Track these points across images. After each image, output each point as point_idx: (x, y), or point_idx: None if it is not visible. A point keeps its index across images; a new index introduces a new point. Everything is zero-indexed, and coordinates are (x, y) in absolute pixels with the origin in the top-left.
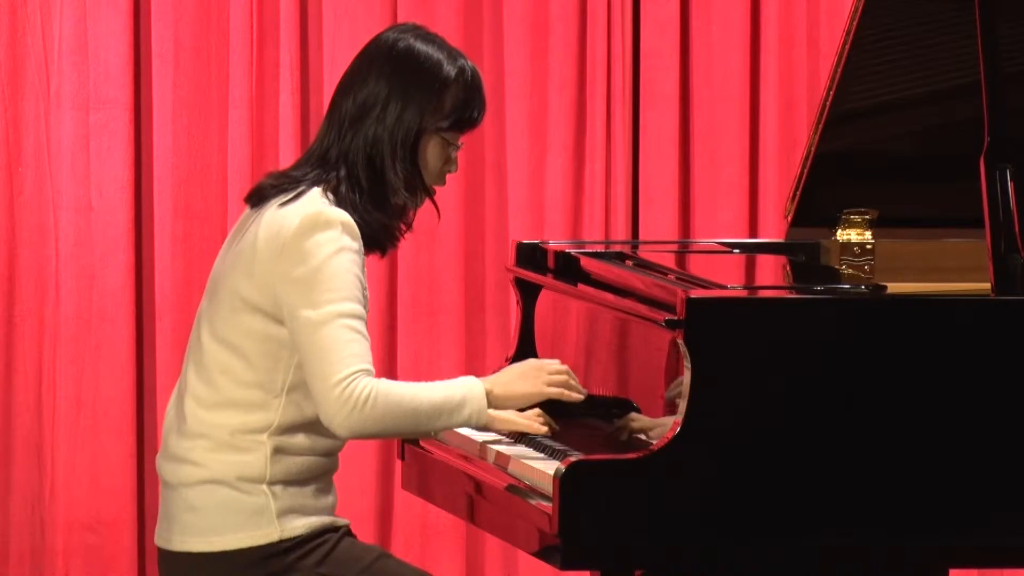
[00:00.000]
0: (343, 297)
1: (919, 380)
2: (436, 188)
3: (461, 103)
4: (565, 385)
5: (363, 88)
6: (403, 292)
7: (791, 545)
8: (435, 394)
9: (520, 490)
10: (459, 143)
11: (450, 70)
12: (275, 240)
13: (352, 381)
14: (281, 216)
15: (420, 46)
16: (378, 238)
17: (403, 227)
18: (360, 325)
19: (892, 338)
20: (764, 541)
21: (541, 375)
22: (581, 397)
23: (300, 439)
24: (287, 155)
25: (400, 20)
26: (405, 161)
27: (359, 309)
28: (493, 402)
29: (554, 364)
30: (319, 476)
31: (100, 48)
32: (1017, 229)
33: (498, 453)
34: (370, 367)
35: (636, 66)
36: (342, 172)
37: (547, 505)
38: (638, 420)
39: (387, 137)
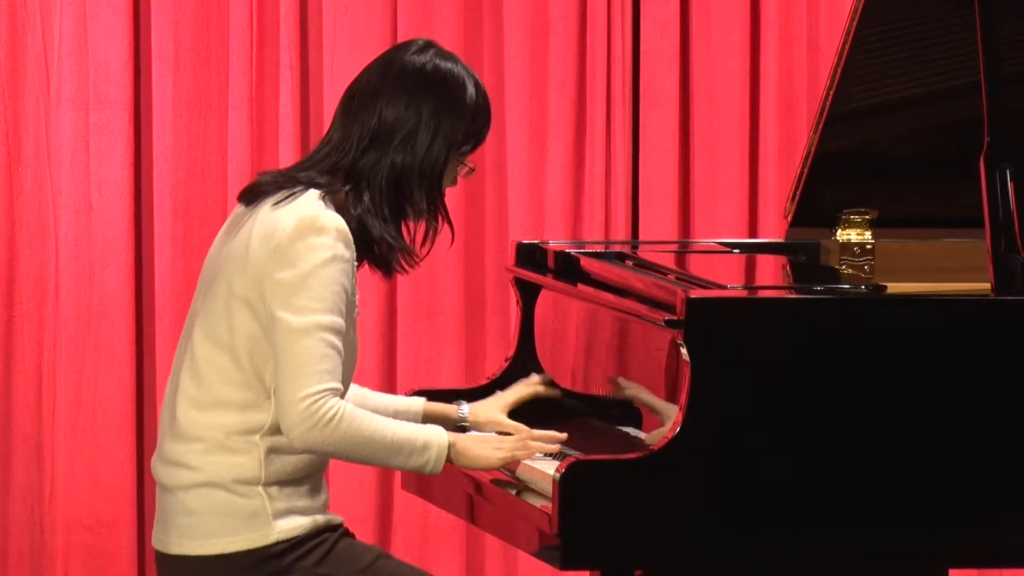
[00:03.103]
0: (327, 309)
1: (919, 380)
2: None
3: (480, 128)
4: (517, 449)
5: (390, 108)
6: (403, 292)
7: (791, 545)
8: (400, 432)
9: (520, 490)
10: (472, 164)
11: (472, 94)
12: (269, 240)
13: (321, 398)
14: (276, 216)
15: (446, 67)
16: (391, 255)
17: (421, 252)
18: (337, 340)
19: (892, 338)
20: (764, 541)
21: (499, 445)
22: (534, 454)
23: None
24: (287, 155)
25: (400, 20)
26: (432, 190)
27: (339, 322)
28: (452, 457)
29: (512, 439)
30: (311, 474)
31: (100, 48)
32: (1017, 229)
33: None
34: (340, 386)
35: (636, 66)
36: (364, 194)
37: (547, 505)
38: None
39: (416, 165)
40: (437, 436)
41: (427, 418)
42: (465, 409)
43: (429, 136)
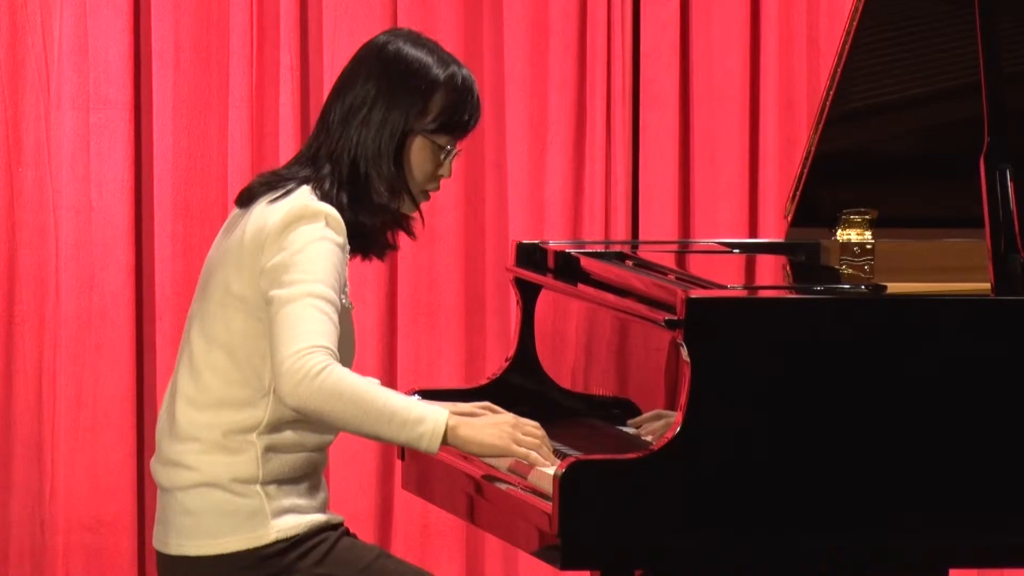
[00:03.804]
0: (316, 279)
1: (919, 380)
2: (432, 193)
3: (449, 106)
4: (535, 449)
5: (352, 90)
6: (403, 292)
7: (791, 544)
8: (393, 401)
9: (520, 490)
10: (451, 148)
11: (438, 73)
12: (261, 233)
13: (308, 353)
14: (268, 211)
15: (409, 49)
16: (360, 239)
17: (394, 234)
18: (329, 308)
19: (892, 338)
20: (764, 541)
21: (514, 432)
22: (545, 463)
23: (288, 435)
24: (287, 155)
25: (400, 20)
26: (388, 162)
27: (331, 293)
28: (455, 440)
29: (531, 426)
30: (310, 473)
31: (100, 48)
32: (1017, 229)
33: None
34: (331, 347)
35: (636, 66)
36: (328, 171)
37: (547, 505)
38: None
39: (371, 138)
40: (435, 413)
41: None
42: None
43: (384, 109)
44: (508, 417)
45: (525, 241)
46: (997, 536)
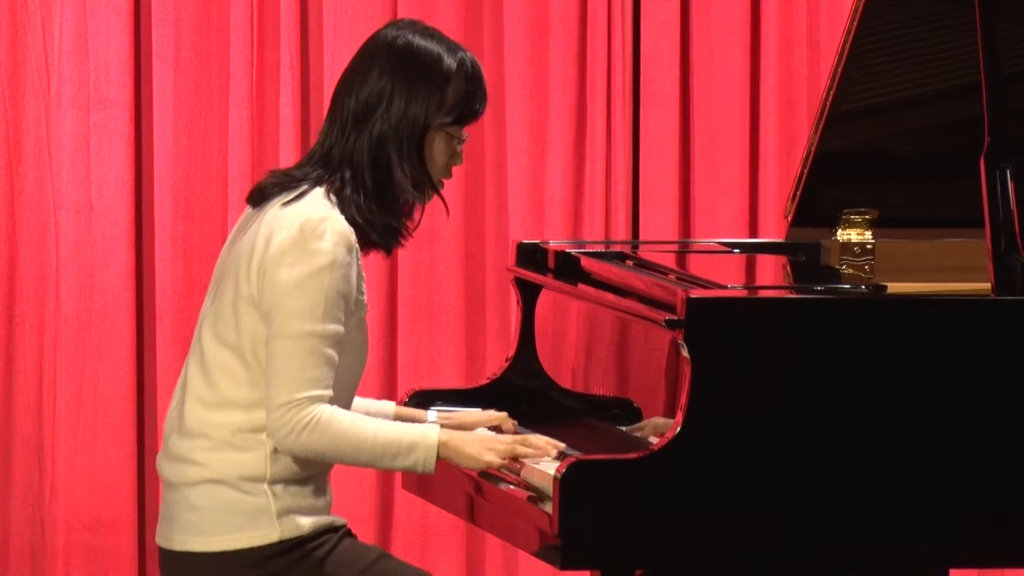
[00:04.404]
0: (319, 316)
1: (919, 380)
2: (444, 182)
3: (463, 96)
4: (510, 455)
5: (365, 86)
6: (403, 292)
7: (791, 545)
8: (384, 435)
9: (520, 490)
10: (464, 136)
11: (451, 63)
12: (272, 241)
13: (297, 405)
14: (282, 215)
15: (420, 41)
16: (382, 238)
17: (409, 225)
18: (327, 348)
19: (892, 338)
20: (764, 541)
21: (493, 446)
22: (532, 454)
23: None
24: (287, 155)
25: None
26: (412, 159)
27: (332, 329)
28: (445, 452)
29: (511, 438)
30: (317, 474)
31: (100, 48)
32: (1017, 229)
33: None
34: (323, 392)
35: (636, 66)
36: (347, 173)
37: (547, 505)
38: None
39: (392, 135)
40: (424, 436)
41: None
42: (433, 416)
43: (403, 102)
44: (497, 435)
45: (525, 241)
46: (997, 536)
